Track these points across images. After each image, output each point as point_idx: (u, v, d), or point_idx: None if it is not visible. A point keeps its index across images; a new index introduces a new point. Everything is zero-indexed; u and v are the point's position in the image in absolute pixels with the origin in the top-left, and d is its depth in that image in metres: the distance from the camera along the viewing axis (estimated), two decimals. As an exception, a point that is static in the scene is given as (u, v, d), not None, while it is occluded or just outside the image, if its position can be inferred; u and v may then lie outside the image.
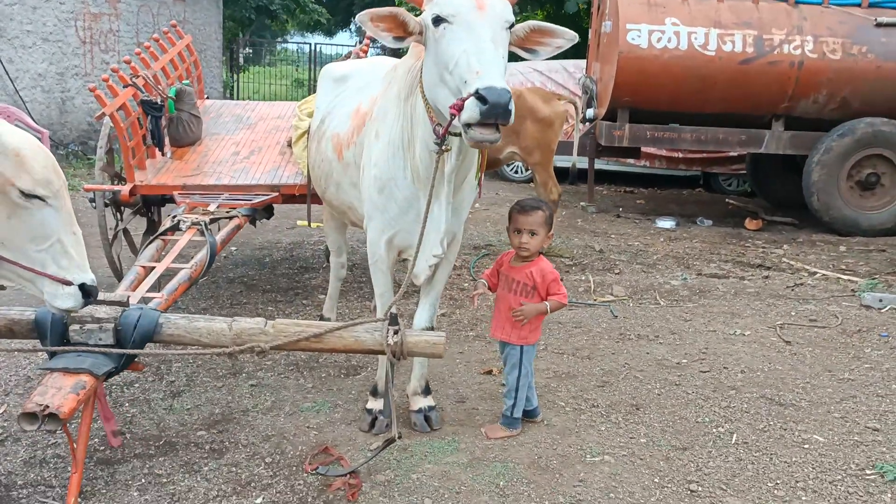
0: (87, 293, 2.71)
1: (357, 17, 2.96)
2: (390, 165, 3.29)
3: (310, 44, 24.47)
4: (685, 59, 8.21)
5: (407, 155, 3.25)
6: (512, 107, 2.58)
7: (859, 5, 8.41)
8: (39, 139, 2.96)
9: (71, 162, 11.36)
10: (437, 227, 3.15)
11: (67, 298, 2.69)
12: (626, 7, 8.35)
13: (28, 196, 2.56)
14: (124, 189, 5.11)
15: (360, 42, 6.38)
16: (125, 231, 5.54)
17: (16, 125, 2.77)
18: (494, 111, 2.55)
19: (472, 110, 2.58)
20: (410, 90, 3.19)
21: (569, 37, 3.02)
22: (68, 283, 2.67)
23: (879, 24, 8.23)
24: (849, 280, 6.49)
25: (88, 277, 2.71)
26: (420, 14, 2.95)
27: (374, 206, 3.40)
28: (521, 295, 3.54)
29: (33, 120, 10.02)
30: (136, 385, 4.12)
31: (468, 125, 2.62)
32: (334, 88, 4.22)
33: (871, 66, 8.19)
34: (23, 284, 2.72)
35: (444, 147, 2.93)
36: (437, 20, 2.77)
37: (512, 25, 2.85)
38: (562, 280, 3.60)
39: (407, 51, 3.28)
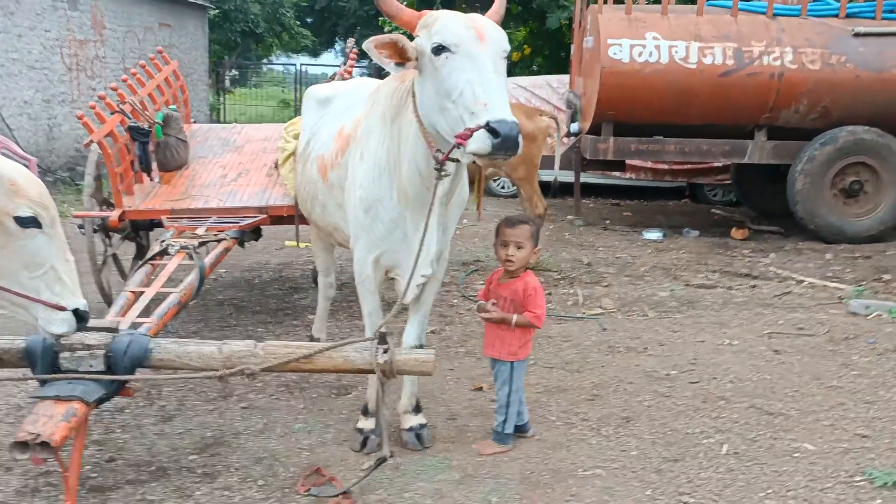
0: (80, 318, 2.77)
1: (364, 45, 2.97)
2: (376, 186, 3.32)
3: (295, 64, 24.63)
4: (667, 73, 8.30)
5: (393, 176, 3.27)
6: (520, 138, 2.66)
7: (837, 16, 8.53)
8: (27, 166, 3.01)
9: (59, 188, 11.35)
10: (427, 247, 3.18)
11: (62, 324, 2.75)
12: (607, 23, 8.45)
13: (24, 225, 2.60)
14: (113, 215, 5.12)
15: (345, 63, 6.42)
16: (114, 256, 5.55)
17: (3, 153, 2.82)
18: (506, 144, 2.62)
19: (482, 142, 2.64)
20: (396, 112, 3.23)
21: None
22: (62, 309, 2.71)
23: (857, 34, 8.33)
24: (835, 287, 6.55)
25: (81, 303, 2.77)
26: (413, 39, 2.97)
27: (360, 226, 3.43)
28: (508, 311, 3.56)
29: (21, 147, 10.03)
30: (127, 411, 4.11)
31: (478, 154, 2.68)
32: (318, 110, 4.26)
33: (850, 76, 8.29)
34: (16, 311, 2.76)
35: (443, 173, 2.96)
36: (439, 49, 2.79)
37: (508, 55, 2.91)
38: (549, 294, 3.63)
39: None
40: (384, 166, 3.30)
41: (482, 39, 2.80)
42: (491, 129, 2.62)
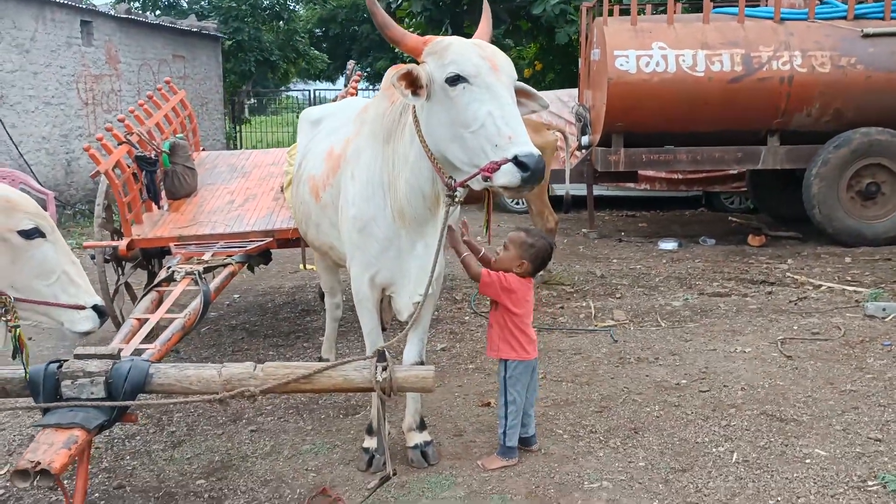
0: (101, 312, 2.91)
1: (389, 79, 2.95)
2: (369, 205, 3.34)
3: (310, 90, 24.86)
4: (675, 82, 8.28)
5: (387, 195, 3.29)
6: (545, 170, 2.67)
7: (844, 18, 8.47)
8: (45, 201, 3.15)
9: (79, 221, 11.54)
10: (427, 267, 3.18)
11: (85, 321, 2.90)
12: (613, 35, 8.46)
13: (29, 237, 2.71)
14: (122, 244, 5.19)
15: (346, 85, 6.48)
16: (126, 285, 5.61)
17: (21, 189, 2.94)
18: (534, 177, 2.66)
19: (511, 175, 2.67)
20: (389, 134, 3.24)
21: (543, 103, 3.07)
22: (82, 308, 2.83)
23: (866, 35, 8.27)
24: (854, 291, 6.45)
25: (97, 299, 2.92)
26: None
27: (354, 245, 3.45)
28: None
29: (39, 182, 10.20)
30: (138, 437, 4.14)
31: (507, 187, 2.70)
32: (309, 131, 4.31)
33: (861, 77, 8.22)
34: (39, 320, 2.89)
35: (457, 199, 2.99)
36: (456, 79, 2.79)
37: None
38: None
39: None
40: (377, 186, 3.31)
41: (496, 70, 2.80)
42: (519, 163, 2.65)
